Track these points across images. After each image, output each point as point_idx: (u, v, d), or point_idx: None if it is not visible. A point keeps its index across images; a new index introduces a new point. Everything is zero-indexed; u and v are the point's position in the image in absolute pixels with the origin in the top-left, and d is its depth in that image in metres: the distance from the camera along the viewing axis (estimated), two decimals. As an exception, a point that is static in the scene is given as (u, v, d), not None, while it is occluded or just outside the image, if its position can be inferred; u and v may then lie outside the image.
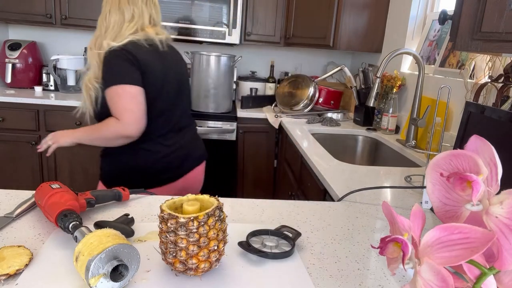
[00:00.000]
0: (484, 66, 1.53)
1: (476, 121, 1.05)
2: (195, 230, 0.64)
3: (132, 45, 1.29)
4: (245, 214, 0.98)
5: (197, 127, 1.63)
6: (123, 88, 1.25)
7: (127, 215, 0.87)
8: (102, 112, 1.31)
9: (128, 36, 1.30)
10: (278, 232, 0.84)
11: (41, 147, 1.39)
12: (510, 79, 1.31)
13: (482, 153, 0.45)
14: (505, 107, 1.30)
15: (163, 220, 0.67)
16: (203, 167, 1.58)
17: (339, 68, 2.41)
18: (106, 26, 1.31)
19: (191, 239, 0.65)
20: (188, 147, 1.48)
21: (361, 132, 2.15)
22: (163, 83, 1.35)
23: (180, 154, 1.43)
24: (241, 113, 2.57)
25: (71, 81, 2.63)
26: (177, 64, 1.45)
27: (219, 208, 0.69)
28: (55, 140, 1.36)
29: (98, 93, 1.30)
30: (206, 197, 0.72)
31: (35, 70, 2.79)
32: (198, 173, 1.53)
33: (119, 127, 1.25)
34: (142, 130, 1.28)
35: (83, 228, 0.73)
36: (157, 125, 1.36)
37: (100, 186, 1.42)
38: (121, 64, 1.26)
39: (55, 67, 2.66)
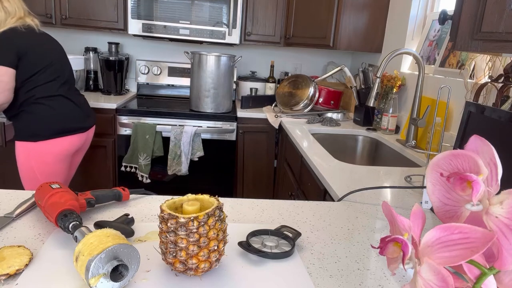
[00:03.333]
0: (484, 66, 1.53)
1: (476, 121, 1.05)
2: (195, 230, 0.64)
3: (10, 31, 1.64)
4: (245, 214, 0.98)
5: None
6: None
7: (127, 215, 0.87)
8: None
9: (7, 25, 1.66)
10: (278, 232, 0.84)
11: None
12: (510, 79, 1.31)
13: (482, 153, 0.45)
14: (505, 107, 1.30)
15: (163, 220, 0.67)
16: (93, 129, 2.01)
17: (339, 68, 2.41)
18: None
19: (191, 239, 0.65)
20: (83, 108, 1.90)
21: (361, 132, 2.15)
22: (45, 56, 1.73)
23: (76, 113, 1.84)
24: (241, 113, 2.57)
25: (71, 81, 2.63)
26: (53, 43, 1.82)
27: (219, 208, 0.69)
28: None
29: None
30: (206, 197, 0.72)
31: (35, 70, 2.79)
32: (91, 132, 1.97)
33: None
34: (5, 100, 1.65)
35: (83, 228, 0.73)
36: (49, 88, 1.74)
37: (18, 146, 1.75)
38: None
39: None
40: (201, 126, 2.50)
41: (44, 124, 1.74)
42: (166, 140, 2.46)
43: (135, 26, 2.56)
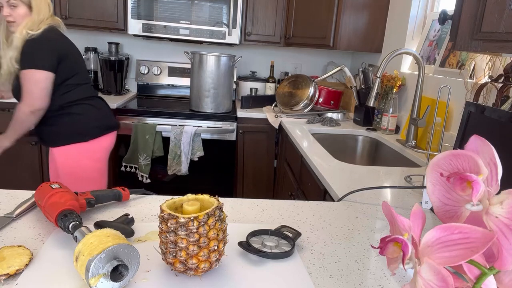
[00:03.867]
0: (484, 66, 1.53)
1: (476, 121, 1.05)
2: (195, 230, 0.64)
3: (51, 33, 1.59)
4: (245, 214, 0.98)
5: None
6: (32, 73, 1.54)
7: (127, 215, 0.87)
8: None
9: (47, 22, 1.59)
10: (278, 232, 0.84)
11: None
12: (510, 79, 1.31)
13: (482, 153, 0.45)
14: (505, 107, 1.30)
15: (163, 220, 0.67)
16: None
17: (339, 68, 2.41)
18: (40, 16, 1.58)
19: (191, 239, 0.65)
20: (109, 108, 1.89)
21: (361, 132, 2.15)
22: (78, 59, 1.72)
23: (110, 112, 1.86)
24: (241, 113, 2.57)
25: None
26: (74, 45, 1.77)
27: (219, 208, 0.69)
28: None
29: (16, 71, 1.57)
30: (206, 197, 0.72)
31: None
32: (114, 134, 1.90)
33: (25, 107, 1.57)
34: (44, 106, 1.59)
35: (83, 228, 0.73)
36: (86, 90, 1.73)
37: (66, 150, 1.68)
38: (38, 50, 1.55)
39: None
40: (201, 126, 2.50)
41: (94, 122, 1.75)
42: (166, 140, 2.46)
43: (135, 26, 2.56)
